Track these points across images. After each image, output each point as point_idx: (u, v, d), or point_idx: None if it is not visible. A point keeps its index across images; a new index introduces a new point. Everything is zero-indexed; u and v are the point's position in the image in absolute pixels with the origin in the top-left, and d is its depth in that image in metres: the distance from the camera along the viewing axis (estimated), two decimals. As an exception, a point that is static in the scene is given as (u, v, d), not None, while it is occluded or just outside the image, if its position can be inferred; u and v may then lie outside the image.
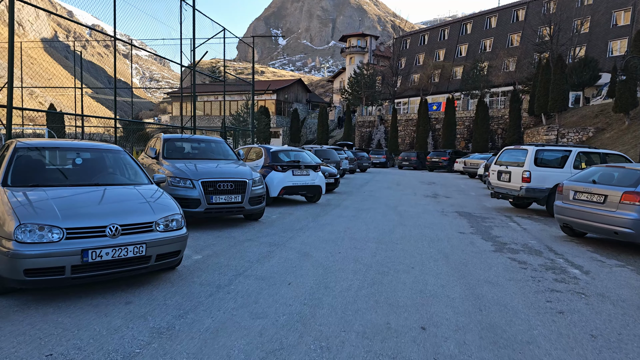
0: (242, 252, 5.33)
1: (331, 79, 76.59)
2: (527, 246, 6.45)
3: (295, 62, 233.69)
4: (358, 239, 6.42)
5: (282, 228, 7.00)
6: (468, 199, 13.00)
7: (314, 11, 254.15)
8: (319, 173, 10.24)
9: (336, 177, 13.06)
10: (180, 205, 6.11)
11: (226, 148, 7.95)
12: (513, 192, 9.93)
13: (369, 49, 65.31)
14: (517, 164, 10.06)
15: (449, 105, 34.74)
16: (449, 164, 28.03)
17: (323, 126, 41.60)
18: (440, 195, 13.87)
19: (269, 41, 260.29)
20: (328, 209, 9.75)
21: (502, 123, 34.62)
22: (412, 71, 54.63)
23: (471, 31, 51.69)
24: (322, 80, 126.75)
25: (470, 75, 41.03)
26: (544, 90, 27.24)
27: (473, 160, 22.77)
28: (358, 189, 15.11)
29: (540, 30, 40.67)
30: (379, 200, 11.71)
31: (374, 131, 43.30)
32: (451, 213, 9.78)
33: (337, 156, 17.19)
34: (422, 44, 56.95)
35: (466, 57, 49.54)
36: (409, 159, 30.75)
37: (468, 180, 21.18)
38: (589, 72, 28.63)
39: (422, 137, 36.10)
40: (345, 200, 11.56)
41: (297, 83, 49.29)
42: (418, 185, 17.61)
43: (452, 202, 11.89)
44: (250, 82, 17.46)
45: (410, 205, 10.90)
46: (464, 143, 36.26)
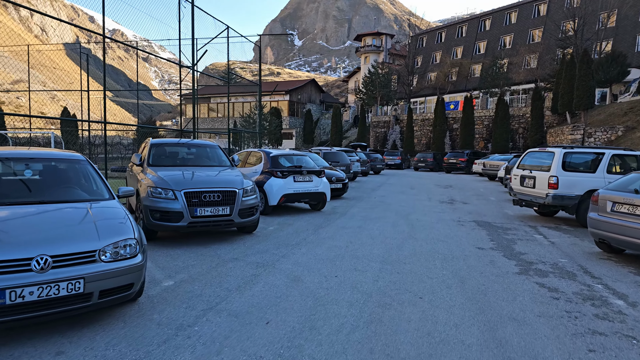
0: (222, 276, 4.62)
1: (346, 79, 75.73)
2: (557, 266, 5.56)
3: (311, 63, 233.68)
4: (360, 257, 5.64)
5: (277, 243, 6.28)
6: (487, 205, 12.03)
7: (330, 11, 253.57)
8: (323, 179, 9.49)
9: (344, 181, 12.29)
10: (161, 219, 5.55)
11: (219, 153, 7.29)
12: (538, 199, 8.97)
13: (384, 47, 64.19)
14: (543, 168, 9.10)
15: (467, 104, 33.50)
16: (467, 165, 26.87)
17: (337, 127, 40.82)
18: (457, 200, 12.93)
19: (284, 42, 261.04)
20: (332, 218, 8.99)
21: (523, 122, 33.16)
22: (428, 70, 53.31)
23: (490, 27, 50.09)
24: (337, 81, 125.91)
25: (489, 72, 39.59)
26: (569, 87, 25.80)
27: (493, 162, 21.64)
28: (369, 193, 14.29)
29: (563, 25, 39.01)
30: (389, 208, 10.88)
31: (389, 131, 42.27)
32: (469, 223, 8.89)
33: (347, 159, 16.41)
34: (439, 41, 55.55)
35: (485, 54, 48.00)
36: (425, 160, 29.69)
37: (487, 183, 20.09)
38: (616, 68, 27.02)
39: (439, 138, 34.93)
40: (353, 207, 10.78)
41: (311, 83, 48.65)
42: (433, 189, 16.67)
43: (469, 209, 10.96)
44: (257, 83, 16.85)
45: (423, 213, 10.04)
46: (483, 143, 34.92)
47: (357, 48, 67.31)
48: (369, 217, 9.26)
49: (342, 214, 9.58)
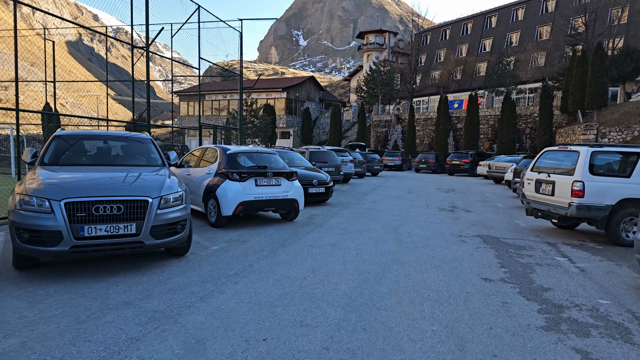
0: (75, 342, 2.97)
1: (348, 78, 74.08)
2: (598, 314, 3.88)
3: (316, 63, 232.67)
4: (317, 298, 3.98)
5: (208, 273, 4.61)
6: (494, 214, 10.32)
7: (335, 12, 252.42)
8: (295, 182, 7.83)
9: (328, 185, 10.61)
10: (30, 242, 3.91)
11: (149, 149, 5.64)
12: (558, 209, 7.26)
13: (387, 45, 62.52)
14: (564, 171, 7.39)
15: (471, 103, 31.74)
16: (471, 167, 25.14)
17: (335, 126, 39.16)
18: (459, 208, 11.22)
19: (289, 42, 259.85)
20: (303, 232, 7.33)
21: (530, 122, 31.38)
22: (432, 68, 51.56)
23: (496, 25, 48.28)
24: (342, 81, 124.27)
25: (495, 70, 37.83)
26: (580, 84, 24.06)
27: (499, 164, 19.90)
28: (359, 198, 12.61)
29: (572, 21, 37.25)
30: (378, 217, 9.20)
31: (391, 131, 40.56)
32: (472, 238, 7.20)
33: (336, 159, 14.73)
34: (443, 39, 53.80)
35: (490, 52, 46.24)
36: (426, 161, 27.96)
37: (493, 187, 18.35)
38: (631, 64, 25.23)
39: (442, 138, 33.18)
40: (335, 216, 9.10)
41: (310, 81, 47.00)
42: (434, 193, 14.96)
43: (473, 220, 9.26)
44: (237, 74, 15.26)
45: (418, 225, 8.36)
46: (488, 144, 33.14)
47: (360, 46, 65.65)
48: (350, 230, 7.58)
49: (317, 225, 7.91)
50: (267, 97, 42.14)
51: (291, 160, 11.81)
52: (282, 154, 11.91)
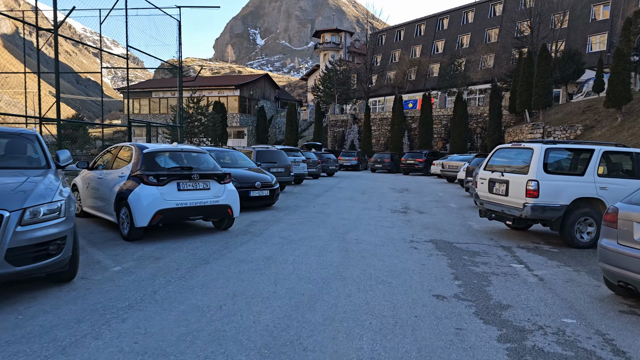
0: None
1: (305, 77, 73.40)
2: (565, 338, 3.29)
3: (274, 63, 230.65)
4: (228, 338, 3.10)
5: (91, 307, 3.59)
6: (448, 215, 9.88)
7: (293, 11, 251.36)
8: (228, 186, 6.89)
9: (273, 187, 9.73)
10: None
11: (31, 148, 4.50)
12: (512, 210, 6.83)
13: (343, 45, 62.41)
14: (518, 170, 6.98)
15: (425, 102, 32.00)
16: (425, 166, 25.15)
17: (292, 125, 38.25)
18: (412, 209, 10.72)
19: (246, 41, 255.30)
20: (236, 242, 6.41)
21: (481, 122, 32.11)
22: (387, 68, 51.95)
23: (448, 27, 49.41)
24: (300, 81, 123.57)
25: (447, 71, 38.52)
26: (527, 85, 24.75)
27: (452, 163, 19.88)
28: (309, 201, 11.81)
29: (518, 25, 38.67)
30: (326, 222, 8.44)
31: (347, 131, 40.25)
32: (424, 244, 6.60)
33: (286, 159, 13.87)
34: (397, 40, 54.40)
35: (443, 53, 47.19)
36: (382, 161, 27.74)
37: (447, 186, 18.24)
38: (573, 66, 26.32)
39: (397, 137, 33.22)
40: (278, 222, 8.24)
41: (264, 78, 45.78)
42: (387, 193, 14.47)
43: (426, 222, 8.74)
44: (176, 66, 14.00)
45: (368, 230, 7.68)
46: (442, 143, 33.59)
47: (316, 45, 65.10)
48: (292, 238, 6.75)
49: (255, 234, 7.01)
50: (220, 94, 40.45)
51: (234, 161, 10.81)
52: (224, 153, 10.90)
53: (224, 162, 10.52)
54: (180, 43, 14.22)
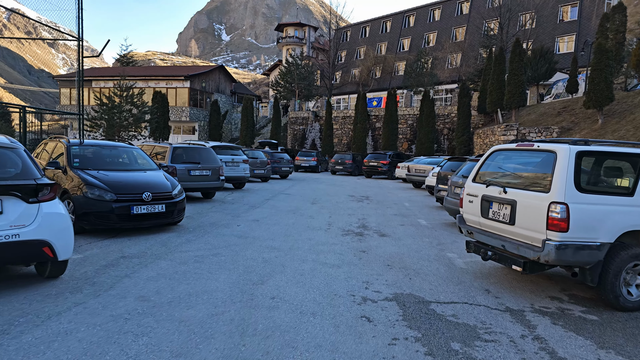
0: None
1: (267, 72, 70.02)
2: None
3: (240, 60, 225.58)
4: None
5: None
6: (418, 239, 7.27)
7: (259, 8, 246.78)
8: (46, 207, 3.94)
9: (171, 200, 6.74)
10: None
11: None
12: (524, 249, 4.25)
13: (307, 40, 59.67)
14: (530, 185, 4.42)
15: (390, 100, 29.77)
16: (389, 169, 22.82)
17: (248, 122, 35.00)
18: (370, 228, 8.05)
19: (211, 36, 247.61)
20: (41, 316, 3.44)
21: (448, 122, 30.29)
22: (352, 65, 49.72)
23: (414, 24, 47.81)
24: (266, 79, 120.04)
25: (413, 69, 36.61)
26: (498, 83, 22.95)
27: (419, 166, 17.55)
28: (237, 215, 8.89)
29: (485, 24, 37.44)
30: (241, 255, 5.59)
31: (308, 129, 37.49)
32: (385, 309, 3.91)
33: (214, 159, 10.87)
34: (363, 36, 52.33)
35: (409, 51, 45.49)
36: (343, 162, 25.17)
37: (413, 193, 15.83)
38: (545, 65, 24.86)
39: (360, 137, 30.81)
40: (160, 259, 5.30)
41: (219, 70, 42.16)
42: (344, 203, 11.79)
43: (389, 253, 6.07)
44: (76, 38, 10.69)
45: (299, 273, 4.90)
46: (407, 144, 31.53)
47: (279, 39, 61.97)
48: (155, 302, 3.84)
49: (94, 292, 4.04)
50: (168, 85, 36.54)
51: (131, 161, 7.74)
52: (117, 151, 7.79)
53: (111, 163, 7.43)
54: (80, 7, 10.88)
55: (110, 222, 6.15)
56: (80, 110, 11.29)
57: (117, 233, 6.55)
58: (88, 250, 5.48)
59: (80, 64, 11.35)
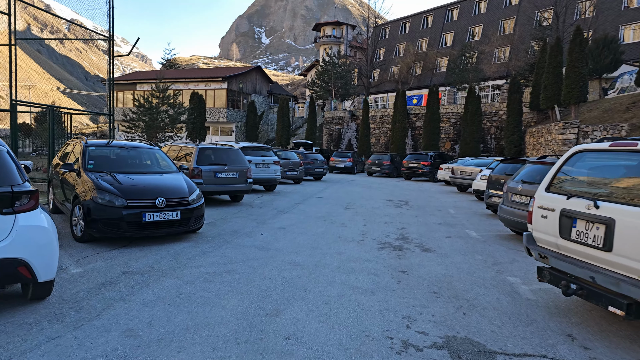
0: None
1: (304, 73, 69.74)
2: None
3: (279, 62, 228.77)
4: None
5: None
6: (469, 256, 6.18)
7: (298, 10, 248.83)
8: (23, 218, 3.26)
9: (187, 206, 6.06)
10: None
11: None
12: (628, 287, 3.11)
13: (344, 39, 58.73)
14: (636, 197, 3.26)
15: (431, 98, 28.22)
16: (431, 170, 21.43)
17: (283, 122, 34.57)
18: (411, 241, 7.02)
19: (251, 39, 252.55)
20: None
21: (496, 120, 28.28)
22: (390, 62, 48.21)
23: (457, 18, 45.59)
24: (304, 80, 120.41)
25: (457, 64, 34.69)
26: (554, 77, 20.95)
27: (464, 168, 16.15)
28: (263, 222, 8.14)
29: (538, 14, 34.87)
30: (258, 273, 4.79)
31: (344, 129, 36.53)
32: (430, 353, 2.92)
33: (242, 160, 10.20)
34: (403, 32, 50.66)
35: (452, 46, 43.41)
36: (380, 163, 24.02)
37: (458, 197, 14.50)
38: (609, 55, 22.44)
39: (399, 136, 29.47)
40: (167, 277, 4.58)
41: (256, 71, 42.11)
42: (380, 208, 10.78)
43: (434, 276, 5.05)
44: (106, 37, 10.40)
45: (323, 302, 4.03)
46: (450, 144, 29.81)
47: (316, 38, 61.45)
48: (144, 335, 3.08)
49: (74, 323, 3.34)
50: (206, 87, 36.85)
51: (150, 163, 7.20)
52: (137, 152, 7.27)
53: (129, 165, 6.90)
54: (110, 6, 10.63)
55: (120, 231, 5.55)
56: (111, 111, 11.03)
57: (129, 242, 5.96)
58: (91, 263, 4.88)
59: (111, 63, 11.11)
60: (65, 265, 4.75)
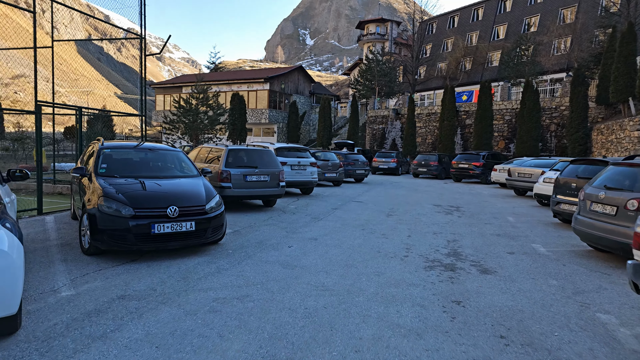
0: None
1: (347, 72, 68.76)
2: None
3: (323, 62, 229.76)
4: None
5: None
6: (539, 280, 4.97)
7: (343, 10, 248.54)
8: None
9: (205, 215, 5.33)
10: None
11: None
12: None
13: (389, 36, 57.07)
14: None
15: (483, 94, 26.23)
16: (483, 171, 19.71)
17: (325, 122, 33.82)
18: (465, 257, 5.88)
19: (296, 41, 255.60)
20: None
21: (557, 117, 25.75)
22: (438, 58, 46.05)
23: (511, 8, 42.60)
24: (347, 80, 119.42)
25: (511, 57, 32.18)
26: (625, 67, 18.58)
27: (523, 169, 14.46)
28: (294, 230, 7.31)
29: (603, 1, 31.65)
30: (275, 302, 3.95)
31: (388, 128, 35.13)
32: None
33: (274, 162, 9.41)
34: (451, 27, 48.24)
35: (505, 39, 40.58)
36: (427, 164, 22.53)
37: (517, 202, 12.91)
38: (694, 40, 19.51)
39: (448, 135, 27.71)
40: (162, 306, 3.84)
41: (298, 71, 41.70)
42: (428, 215, 9.62)
43: (499, 309, 3.95)
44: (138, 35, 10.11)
45: (353, 344, 3.10)
46: (504, 143, 27.59)
47: (359, 36, 60.27)
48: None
49: None
50: (249, 89, 36.94)
51: (169, 166, 6.61)
52: (160, 155, 6.71)
53: (145, 168, 6.34)
54: (142, 4, 10.34)
55: (127, 244, 4.93)
56: (143, 112, 10.72)
57: (139, 255, 5.35)
58: (88, 283, 4.26)
59: (143, 62, 10.81)
60: (58, 285, 4.15)
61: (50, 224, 7.10)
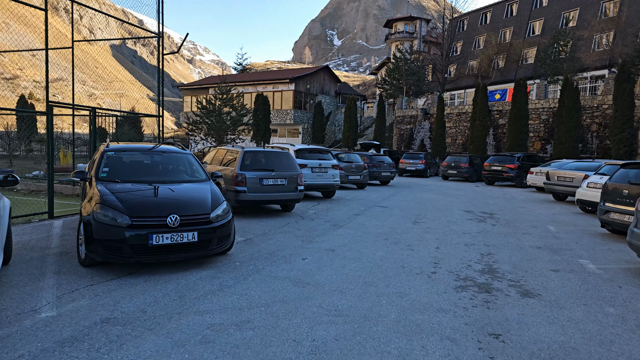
0: None
1: (375, 71, 67.69)
2: None
3: (350, 63, 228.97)
4: None
5: None
6: (592, 306, 4.19)
7: (371, 10, 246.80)
8: None
9: (210, 224, 4.82)
10: None
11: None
12: None
13: (418, 34, 55.67)
14: None
15: (518, 92, 24.84)
16: (518, 174, 18.53)
17: (350, 122, 33.14)
18: (502, 275, 5.14)
19: (323, 42, 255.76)
20: None
21: (598, 116, 24.04)
22: (469, 56, 44.46)
23: (548, 3, 40.56)
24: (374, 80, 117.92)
25: (548, 54, 30.47)
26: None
27: (563, 172, 13.33)
28: (311, 239, 6.74)
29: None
30: (276, 332, 3.38)
31: (416, 128, 34.05)
32: None
33: (293, 165, 8.89)
34: (483, 23, 46.51)
35: (541, 34, 38.63)
36: (457, 166, 21.47)
37: (556, 207, 11.85)
38: None
39: (479, 136, 26.44)
40: (147, 333, 3.35)
41: (324, 71, 41.17)
42: (458, 222, 8.83)
43: (547, 346, 3.23)
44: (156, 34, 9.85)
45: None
46: (540, 144, 26.06)
47: (387, 35, 59.13)
48: None
49: None
50: (274, 89, 36.74)
51: (177, 170, 6.21)
52: (167, 157, 6.32)
53: (150, 172, 5.95)
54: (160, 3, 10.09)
55: (123, 256, 4.51)
56: (160, 112, 10.47)
57: (139, 267, 4.92)
58: (74, 302, 3.84)
59: (160, 61, 10.56)
60: (42, 304, 3.75)
61: (57, 229, 6.85)
